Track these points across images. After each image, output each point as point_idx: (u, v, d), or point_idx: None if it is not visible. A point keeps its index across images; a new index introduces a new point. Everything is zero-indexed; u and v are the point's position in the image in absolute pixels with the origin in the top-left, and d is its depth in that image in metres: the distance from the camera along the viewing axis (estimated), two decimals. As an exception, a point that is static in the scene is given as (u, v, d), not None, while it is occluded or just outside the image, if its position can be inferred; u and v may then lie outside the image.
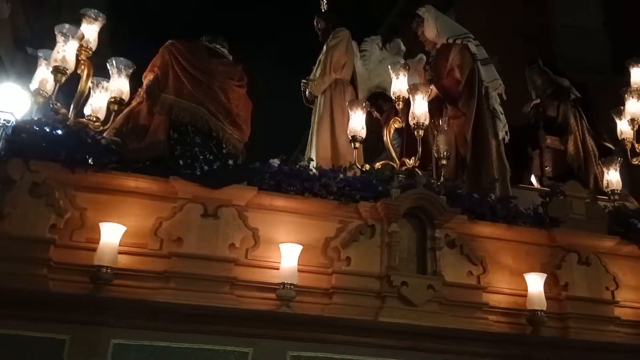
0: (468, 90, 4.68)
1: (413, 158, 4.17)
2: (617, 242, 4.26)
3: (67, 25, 3.71)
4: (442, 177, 4.31)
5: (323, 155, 4.96)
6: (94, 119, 3.97)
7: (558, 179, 5.44)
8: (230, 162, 3.74)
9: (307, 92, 5.42)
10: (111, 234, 3.28)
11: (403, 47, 6.17)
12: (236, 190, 3.66)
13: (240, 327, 3.18)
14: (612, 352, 3.87)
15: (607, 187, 4.95)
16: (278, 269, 3.53)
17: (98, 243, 3.30)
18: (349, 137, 4.36)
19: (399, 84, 4.50)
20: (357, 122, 4.33)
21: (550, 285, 4.07)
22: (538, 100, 5.77)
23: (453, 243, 3.92)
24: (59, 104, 3.74)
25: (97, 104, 4.05)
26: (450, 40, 4.90)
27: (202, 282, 3.43)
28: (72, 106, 3.83)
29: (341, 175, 3.94)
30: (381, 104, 5.76)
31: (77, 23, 3.94)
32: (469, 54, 4.79)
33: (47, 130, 3.45)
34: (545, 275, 3.89)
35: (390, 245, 3.74)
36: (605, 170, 5.03)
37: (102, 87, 4.06)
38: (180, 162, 3.60)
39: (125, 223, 3.45)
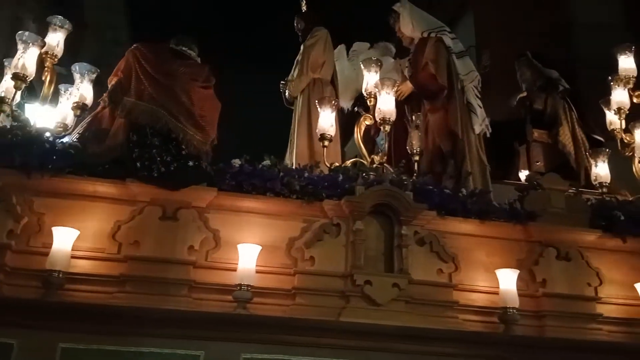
0: (448, 84, 4.56)
1: (380, 154, 4.06)
2: (599, 236, 4.09)
3: (26, 33, 3.74)
4: (414, 173, 4.20)
5: (301, 155, 4.89)
6: (61, 125, 3.99)
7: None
8: (191, 163, 3.69)
9: (286, 94, 5.37)
10: (63, 239, 3.26)
11: (392, 48, 6.06)
12: (195, 191, 3.62)
13: (190, 330, 3.13)
14: (592, 352, 3.68)
15: (595, 180, 4.78)
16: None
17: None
18: (318, 135, 4.28)
19: (371, 80, 4.42)
20: (325, 120, 4.25)
21: (527, 282, 3.93)
22: (525, 94, 5.62)
23: (422, 240, 3.81)
24: (18, 111, 3.74)
25: (65, 110, 4.08)
26: (425, 35, 4.80)
27: (159, 285, 3.39)
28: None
29: (306, 174, 3.87)
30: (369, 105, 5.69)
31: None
32: (443, 47, 4.68)
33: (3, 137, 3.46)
34: (517, 271, 3.75)
35: (354, 243, 3.65)
36: (593, 162, 4.86)
37: (69, 94, 4.08)
38: (138, 164, 3.56)
39: (84, 227, 3.44)
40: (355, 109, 5.68)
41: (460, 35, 6.01)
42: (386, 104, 4.11)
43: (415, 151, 4.24)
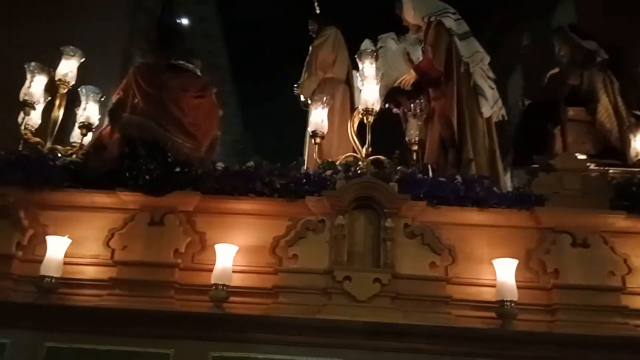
0: (446, 69, 4.31)
1: (365, 147, 3.93)
2: (625, 218, 3.61)
3: (33, 63, 4.12)
4: (412, 163, 4.01)
5: (312, 156, 4.85)
6: (76, 144, 4.34)
7: (603, 156, 4.80)
8: (178, 169, 3.83)
9: (301, 97, 5.37)
10: (56, 247, 3.52)
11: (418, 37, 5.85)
12: (180, 196, 3.74)
13: (161, 329, 3.23)
14: (613, 348, 3.26)
15: (637, 156, 4.25)
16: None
17: (56, 256, 3.57)
18: (309, 132, 4.24)
19: (368, 72, 4.30)
20: (317, 117, 4.20)
21: (538, 273, 3.58)
22: (556, 70, 5.12)
23: (413, 233, 3.61)
24: (29, 133, 4.12)
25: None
26: (426, 20, 4.58)
27: (146, 287, 3.53)
28: (48, 134, 4.23)
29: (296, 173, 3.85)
30: (398, 99, 5.52)
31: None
32: (443, 30, 4.43)
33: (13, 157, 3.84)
34: (516, 261, 3.41)
35: (336, 239, 3.56)
36: (632, 137, 4.32)
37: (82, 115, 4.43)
38: (127, 174, 3.77)
39: (83, 236, 3.72)
40: (386, 105, 5.54)
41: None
42: (370, 95, 3.97)
43: (413, 141, 4.04)
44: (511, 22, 7.56)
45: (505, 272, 3.39)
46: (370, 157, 4.07)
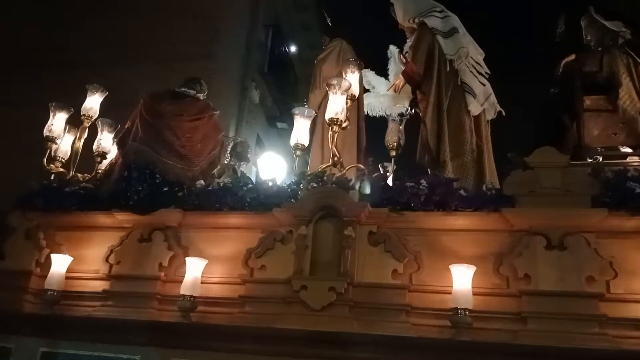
0: (426, 70, 4.19)
1: (332, 156, 3.93)
2: (606, 216, 3.25)
3: (54, 103, 4.72)
4: (391, 168, 3.95)
5: (313, 168, 4.94)
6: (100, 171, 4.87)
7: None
8: (166, 189, 4.14)
9: (312, 111, 5.47)
10: (59, 264, 4.00)
11: None
12: (164, 214, 4.05)
13: (129, 336, 3.52)
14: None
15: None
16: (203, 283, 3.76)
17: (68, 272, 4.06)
18: (292, 144, 4.32)
19: (350, 81, 4.32)
20: (300, 130, 4.28)
21: (509, 279, 3.34)
22: (573, 57, 4.70)
23: (377, 240, 3.56)
24: (52, 165, 4.70)
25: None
26: (412, 22, 4.49)
27: (132, 298, 3.87)
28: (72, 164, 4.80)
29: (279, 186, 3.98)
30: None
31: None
32: (426, 30, 4.30)
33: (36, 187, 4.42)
34: (473, 267, 3.22)
35: (298, 249, 3.62)
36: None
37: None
38: (121, 196, 4.17)
39: (89, 253, 4.18)
40: (413, 110, 5.47)
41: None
42: (335, 105, 3.98)
43: (392, 146, 3.97)
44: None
45: (461, 278, 3.22)
46: (350, 167, 4.08)
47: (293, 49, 11.64)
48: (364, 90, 5.27)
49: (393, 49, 5.40)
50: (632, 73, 4.37)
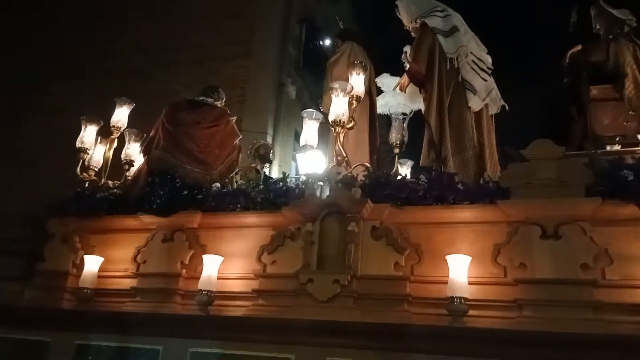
0: (428, 69, 4.32)
1: (337, 156, 4.12)
2: (600, 204, 3.32)
3: (84, 116, 5.10)
4: (395, 166, 4.11)
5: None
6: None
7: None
8: (186, 192, 4.44)
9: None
10: (92, 264, 4.35)
11: None
12: (184, 216, 4.35)
13: (153, 329, 3.82)
14: (578, 346, 3.03)
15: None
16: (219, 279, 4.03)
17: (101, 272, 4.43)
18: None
19: (355, 83, 4.50)
20: (308, 131, 4.50)
21: (506, 269, 3.46)
22: (579, 47, 4.72)
23: (379, 235, 3.74)
24: (85, 174, 5.08)
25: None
26: (414, 23, 4.62)
27: (157, 294, 4.18)
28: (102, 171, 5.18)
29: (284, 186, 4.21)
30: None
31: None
32: (427, 30, 4.43)
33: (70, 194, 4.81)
34: (469, 257, 3.36)
35: (305, 245, 3.83)
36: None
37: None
38: (146, 200, 4.49)
39: (119, 254, 4.52)
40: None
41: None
42: (339, 107, 4.16)
43: (394, 144, 4.13)
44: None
45: (457, 268, 3.36)
46: (355, 165, 4.26)
47: (327, 42, 11.60)
48: (378, 91, 5.44)
49: (408, 49, 5.55)
50: (638, 61, 4.36)
